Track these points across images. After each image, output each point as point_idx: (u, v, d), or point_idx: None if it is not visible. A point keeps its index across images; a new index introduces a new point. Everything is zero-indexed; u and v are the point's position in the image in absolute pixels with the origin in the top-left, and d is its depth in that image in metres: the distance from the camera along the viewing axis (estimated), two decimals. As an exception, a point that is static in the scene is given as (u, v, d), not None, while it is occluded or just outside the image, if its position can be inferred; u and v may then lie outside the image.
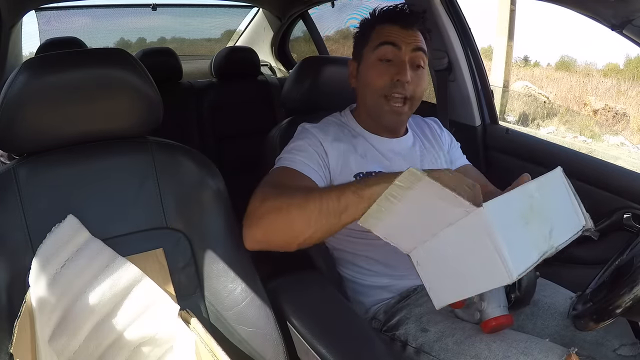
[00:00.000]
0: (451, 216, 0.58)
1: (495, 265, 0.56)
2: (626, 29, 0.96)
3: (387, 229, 0.66)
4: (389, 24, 0.95)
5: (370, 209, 0.66)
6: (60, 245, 0.70)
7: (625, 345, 0.82)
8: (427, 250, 0.64)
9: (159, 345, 0.75)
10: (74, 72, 0.71)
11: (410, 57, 0.93)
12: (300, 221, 0.72)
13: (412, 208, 0.62)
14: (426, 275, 0.66)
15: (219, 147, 2.15)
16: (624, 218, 1.11)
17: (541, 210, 0.62)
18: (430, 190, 0.58)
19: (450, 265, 0.63)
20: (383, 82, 0.93)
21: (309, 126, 0.98)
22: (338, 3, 2.27)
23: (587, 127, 6.48)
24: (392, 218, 0.64)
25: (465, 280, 0.62)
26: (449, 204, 0.58)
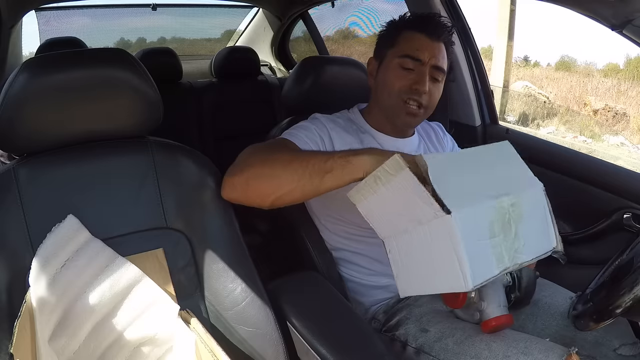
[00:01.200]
0: (422, 215, 0.59)
1: (454, 271, 0.58)
2: (626, 29, 0.96)
3: (370, 209, 0.68)
4: (416, 32, 0.95)
5: (360, 184, 0.67)
6: (60, 245, 0.70)
7: (625, 345, 0.82)
8: (398, 242, 0.66)
9: (159, 345, 0.75)
10: (74, 72, 0.71)
11: (430, 71, 0.94)
12: (284, 174, 0.73)
13: (393, 196, 0.62)
14: (395, 264, 0.68)
15: (219, 147, 2.15)
16: (624, 218, 1.11)
17: (512, 225, 0.62)
18: (408, 183, 0.59)
19: (416, 262, 0.64)
20: (402, 85, 0.94)
21: (319, 115, 1.00)
22: (338, 3, 2.28)
23: (587, 127, 6.48)
24: (376, 200, 0.65)
25: (427, 278, 0.64)
26: (422, 201, 0.59)
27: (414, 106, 0.95)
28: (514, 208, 0.63)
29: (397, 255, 0.67)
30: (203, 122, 2.15)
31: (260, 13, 2.65)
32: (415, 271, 0.65)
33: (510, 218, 0.62)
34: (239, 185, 0.77)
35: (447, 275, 0.59)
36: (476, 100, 1.48)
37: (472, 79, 1.47)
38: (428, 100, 0.95)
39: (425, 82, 0.93)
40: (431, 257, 0.61)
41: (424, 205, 0.58)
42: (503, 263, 0.61)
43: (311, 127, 0.94)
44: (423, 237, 0.61)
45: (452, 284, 0.59)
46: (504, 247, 0.61)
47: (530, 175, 0.70)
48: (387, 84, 0.96)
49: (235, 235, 0.82)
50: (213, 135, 2.16)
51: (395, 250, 0.67)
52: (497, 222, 0.61)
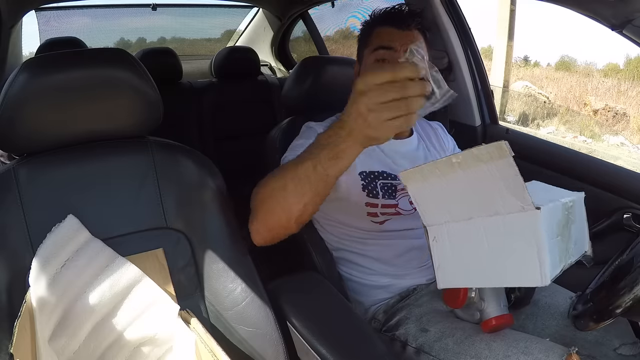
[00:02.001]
0: (503, 206, 0.58)
1: (531, 266, 0.57)
2: (626, 29, 0.96)
3: (424, 192, 0.65)
4: (386, 26, 0.97)
5: (421, 166, 0.64)
6: (60, 245, 0.70)
7: (625, 345, 0.82)
8: (452, 231, 0.63)
9: (159, 345, 0.75)
10: (74, 72, 0.71)
11: None
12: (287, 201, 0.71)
13: (469, 183, 0.60)
14: (439, 253, 0.66)
15: (219, 147, 2.15)
16: (624, 218, 1.11)
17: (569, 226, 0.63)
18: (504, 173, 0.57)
19: (474, 253, 0.62)
20: None
21: (313, 124, 1.00)
22: (338, 3, 2.28)
23: (587, 127, 6.48)
24: (440, 184, 0.62)
25: (484, 271, 0.62)
26: (511, 193, 0.57)
27: None
28: (571, 210, 0.64)
29: (446, 244, 0.64)
30: (203, 122, 2.15)
31: (260, 13, 2.65)
32: (467, 262, 0.63)
33: (569, 219, 0.63)
34: (261, 228, 0.75)
35: (520, 269, 0.58)
36: (476, 100, 1.48)
37: (472, 79, 1.47)
38: None
39: None
40: (500, 250, 0.59)
41: (510, 197, 0.57)
42: (562, 262, 0.61)
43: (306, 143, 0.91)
44: (495, 229, 0.59)
45: (524, 278, 0.58)
46: (562, 247, 0.62)
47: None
48: None
49: (235, 235, 0.82)
50: (213, 135, 2.16)
51: (444, 238, 0.65)
52: (561, 222, 0.62)
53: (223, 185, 0.84)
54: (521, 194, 0.57)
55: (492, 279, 0.63)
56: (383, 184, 0.95)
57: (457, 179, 0.61)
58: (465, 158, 0.60)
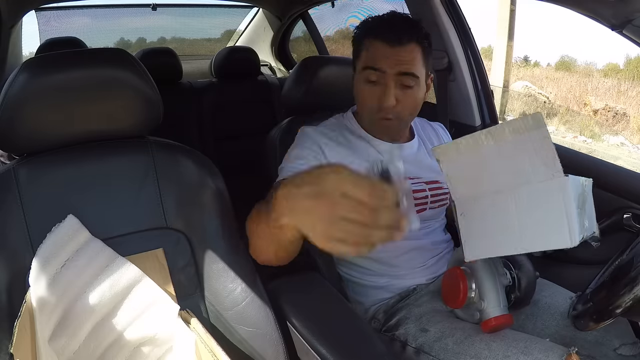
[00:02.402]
0: (534, 175, 0.62)
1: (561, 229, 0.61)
2: (626, 29, 0.96)
3: (456, 167, 0.68)
4: (376, 40, 0.88)
5: (456, 141, 0.67)
6: (60, 245, 0.70)
7: (625, 345, 0.82)
8: (482, 203, 0.67)
9: (159, 345, 0.75)
10: (74, 72, 0.71)
11: (395, 80, 0.88)
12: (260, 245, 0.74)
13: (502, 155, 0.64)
14: (467, 226, 0.69)
15: (219, 147, 2.15)
16: (624, 218, 1.11)
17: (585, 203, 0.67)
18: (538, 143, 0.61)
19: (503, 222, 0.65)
20: (369, 104, 0.92)
21: (309, 130, 0.96)
22: (338, 3, 2.27)
23: (587, 127, 6.48)
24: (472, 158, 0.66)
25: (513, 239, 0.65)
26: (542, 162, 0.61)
27: (386, 118, 0.92)
28: (586, 189, 0.68)
29: (476, 216, 0.67)
30: (203, 122, 2.15)
31: (260, 13, 2.65)
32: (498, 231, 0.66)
33: (585, 196, 0.67)
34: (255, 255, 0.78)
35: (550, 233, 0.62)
36: (476, 100, 1.48)
37: (472, 79, 1.46)
38: (400, 112, 0.90)
39: (389, 95, 0.87)
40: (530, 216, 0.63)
41: (540, 166, 0.61)
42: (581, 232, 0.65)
43: (304, 154, 0.90)
44: (524, 197, 0.63)
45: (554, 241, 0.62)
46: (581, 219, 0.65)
47: None
48: (358, 100, 0.95)
49: (235, 235, 0.82)
50: (213, 135, 2.16)
51: (473, 212, 0.68)
52: (580, 196, 0.65)
53: (223, 185, 0.84)
54: (552, 162, 0.61)
55: (521, 246, 0.66)
56: None
57: (491, 152, 0.65)
58: (501, 130, 0.64)
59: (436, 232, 1.03)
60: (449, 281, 0.85)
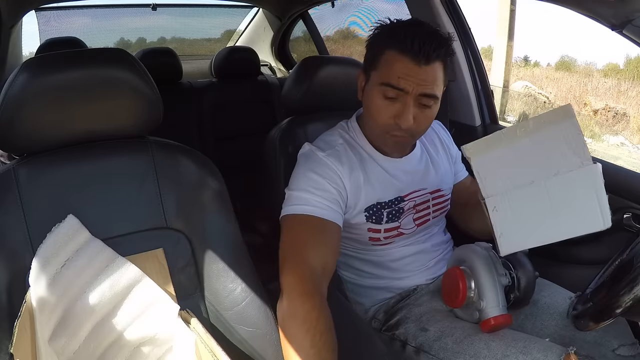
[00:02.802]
0: (564, 165, 0.65)
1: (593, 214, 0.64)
2: (626, 29, 0.96)
3: (487, 163, 0.70)
4: (401, 56, 0.81)
5: (486, 137, 0.70)
6: (60, 245, 0.70)
7: (624, 346, 0.82)
8: (514, 197, 0.69)
9: (159, 345, 0.75)
10: (74, 72, 0.71)
11: (415, 99, 0.83)
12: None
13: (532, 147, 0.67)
14: (500, 221, 0.70)
15: (219, 147, 2.15)
16: (624, 218, 1.11)
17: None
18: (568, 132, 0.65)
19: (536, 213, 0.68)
20: (384, 119, 0.85)
21: (322, 155, 0.88)
22: (338, 3, 2.27)
23: (587, 127, 6.48)
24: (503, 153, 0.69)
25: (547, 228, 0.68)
26: (572, 152, 0.65)
27: (399, 136, 0.87)
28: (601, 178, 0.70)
29: (508, 210, 0.69)
30: (203, 122, 2.15)
31: (260, 13, 2.65)
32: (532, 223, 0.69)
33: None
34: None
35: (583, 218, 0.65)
36: (476, 100, 1.48)
37: (472, 79, 1.46)
38: (415, 130, 0.86)
39: (408, 115, 0.82)
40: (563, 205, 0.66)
41: (571, 155, 0.65)
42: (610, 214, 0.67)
43: (323, 183, 0.84)
44: (556, 187, 0.66)
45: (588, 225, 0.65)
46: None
47: None
48: (371, 114, 0.87)
49: (235, 235, 0.82)
50: (213, 135, 2.16)
51: (505, 206, 0.70)
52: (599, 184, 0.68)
53: (223, 185, 0.84)
54: (582, 151, 0.64)
55: (556, 234, 0.68)
56: (389, 211, 0.92)
57: (521, 146, 0.68)
58: (531, 123, 0.67)
59: (437, 235, 1.03)
60: (448, 281, 0.85)
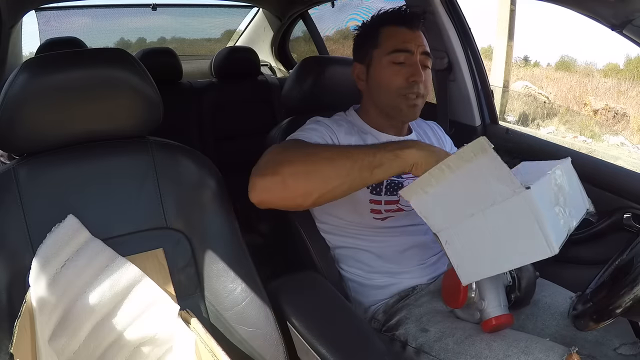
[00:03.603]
0: (497, 195, 0.63)
1: (538, 241, 0.61)
2: (626, 29, 0.96)
3: (425, 203, 0.70)
4: (397, 27, 0.97)
5: (418, 180, 0.69)
6: (60, 245, 0.70)
7: (625, 345, 0.82)
8: (460, 230, 0.68)
9: (159, 345, 0.75)
10: (74, 72, 0.71)
11: (420, 59, 0.96)
12: (330, 171, 0.72)
13: (462, 183, 0.65)
14: (455, 254, 0.69)
15: (219, 147, 2.16)
16: (624, 218, 1.11)
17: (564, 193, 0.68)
18: (489, 165, 0.63)
19: (484, 244, 0.66)
20: (399, 82, 0.95)
21: (321, 118, 0.99)
22: (338, 3, 2.27)
23: (587, 127, 6.48)
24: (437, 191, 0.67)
25: (498, 257, 0.66)
26: (500, 182, 0.62)
27: (413, 97, 0.96)
28: (562, 178, 0.69)
29: (458, 244, 0.69)
30: (203, 122, 2.15)
31: (260, 13, 2.65)
32: (482, 254, 0.67)
33: (562, 187, 0.69)
34: (275, 185, 0.72)
35: (529, 246, 0.62)
36: (476, 100, 1.48)
37: (472, 79, 1.46)
38: (425, 88, 0.97)
39: (420, 71, 0.95)
40: (505, 235, 0.64)
41: (500, 185, 0.62)
42: (566, 227, 0.66)
43: (319, 129, 0.94)
44: (496, 217, 0.63)
45: (535, 254, 0.62)
46: (563, 213, 0.67)
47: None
48: (383, 84, 0.97)
49: (235, 235, 0.82)
50: (213, 135, 2.16)
51: (455, 239, 0.69)
52: (555, 191, 0.66)
53: (223, 185, 0.84)
54: (509, 181, 0.61)
55: (506, 263, 0.67)
56: (388, 183, 0.96)
57: (451, 182, 0.66)
58: (452, 161, 0.65)
59: None
60: (449, 281, 0.85)
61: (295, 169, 0.73)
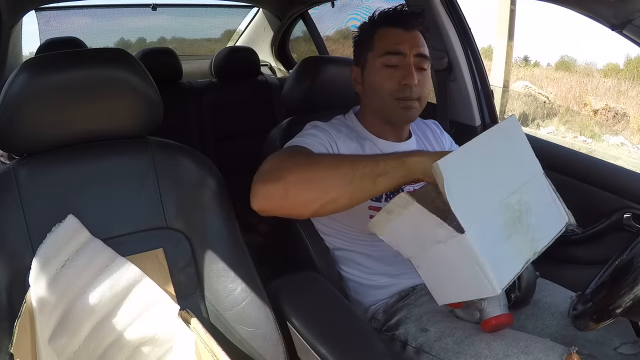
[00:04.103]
0: (440, 236, 0.63)
1: (480, 280, 0.61)
2: (626, 29, 0.96)
3: (391, 236, 0.71)
4: (391, 28, 0.94)
5: (376, 217, 0.69)
6: (60, 245, 0.70)
7: (626, 344, 0.82)
8: (423, 260, 0.70)
9: (159, 345, 0.75)
10: (74, 72, 0.71)
11: (414, 61, 0.93)
12: (332, 179, 0.69)
13: (409, 224, 0.66)
14: (427, 277, 0.72)
15: (219, 147, 2.16)
16: (624, 218, 1.11)
17: (523, 219, 0.65)
18: (420, 215, 0.63)
19: (444, 274, 0.69)
20: (391, 86, 0.93)
21: (320, 123, 0.97)
22: (338, 3, 2.27)
23: (587, 127, 6.48)
24: (394, 228, 0.69)
25: (457, 288, 0.68)
26: (436, 227, 0.62)
27: (407, 101, 0.93)
28: (521, 203, 0.66)
29: (427, 270, 0.71)
30: (203, 122, 2.15)
31: (260, 13, 2.65)
32: (446, 282, 0.70)
33: (521, 213, 0.65)
34: (276, 193, 0.70)
35: (474, 284, 0.62)
36: (476, 100, 1.48)
37: (472, 79, 1.46)
38: (420, 91, 0.94)
39: (412, 74, 0.91)
40: (456, 270, 0.65)
41: (439, 229, 0.62)
42: (523, 256, 0.64)
43: (318, 134, 0.92)
44: (445, 254, 0.64)
45: (480, 291, 0.63)
46: (520, 242, 0.64)
47: (530, 159, 0.72)
48: (376, 87, 0.95)
49: (235, 235, 0.82)
50: (213, 135, 2.16)
51: (423, 266, 0.71)
52: (509, 221, 0.64)
53: (223, 185, 0.84)
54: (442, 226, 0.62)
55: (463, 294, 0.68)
56: None
57: (401, 224, 0.67)
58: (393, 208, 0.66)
59: None
60: (449, 281, 0.85)
61: (297, 177, 0.71)
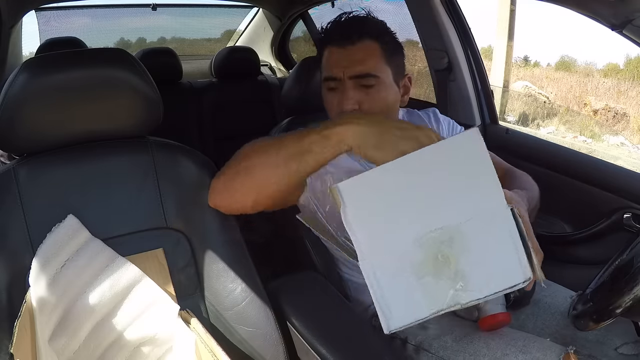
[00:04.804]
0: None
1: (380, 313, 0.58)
2: (626, 29, 0.96)
3: None
4: (330, 46, 0.89)
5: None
6: (60, 245, 0.70)
7: (626, 344, 0.82)
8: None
9: (159, 345, 0.75)
10: (74, 72, 0.71)
11: (353, 83, 0.86)
12: (259, 165, 0.68)
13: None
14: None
15: (219, 147, 2.15)
16: (624, 218, 1.11)
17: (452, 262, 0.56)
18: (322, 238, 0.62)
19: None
20: (334, 110, 0.91)
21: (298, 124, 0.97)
22: (338, 3, 2.27)
23: (587, 127, 6.48)
24: None
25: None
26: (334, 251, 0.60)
27: None
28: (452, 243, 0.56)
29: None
30: (203, 122, 2.15)
31: (260, 13, 2.65)
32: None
33: (449, 256, 0.56)
34: (220, 188, 0.73)
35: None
36: (476, 100, 1.48)
37: (472, 79, 1.47)
38: (369, 109, 0.86)
39: (347, 98, 0.86)
40: None
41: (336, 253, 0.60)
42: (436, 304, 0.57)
43: None
44: None
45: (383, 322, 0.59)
46: (436, 288, 0.57)
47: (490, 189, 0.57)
48: (327, 110, 0.94)
49: (235, 235, 0.82)
50: (213, 135, 2.16)
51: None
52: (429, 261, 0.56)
53: (223, 185, 0.83)
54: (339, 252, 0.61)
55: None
56: None
57: None
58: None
59: None
60: (448, 281, 0.85)
61: (233, 169, 0.71)
